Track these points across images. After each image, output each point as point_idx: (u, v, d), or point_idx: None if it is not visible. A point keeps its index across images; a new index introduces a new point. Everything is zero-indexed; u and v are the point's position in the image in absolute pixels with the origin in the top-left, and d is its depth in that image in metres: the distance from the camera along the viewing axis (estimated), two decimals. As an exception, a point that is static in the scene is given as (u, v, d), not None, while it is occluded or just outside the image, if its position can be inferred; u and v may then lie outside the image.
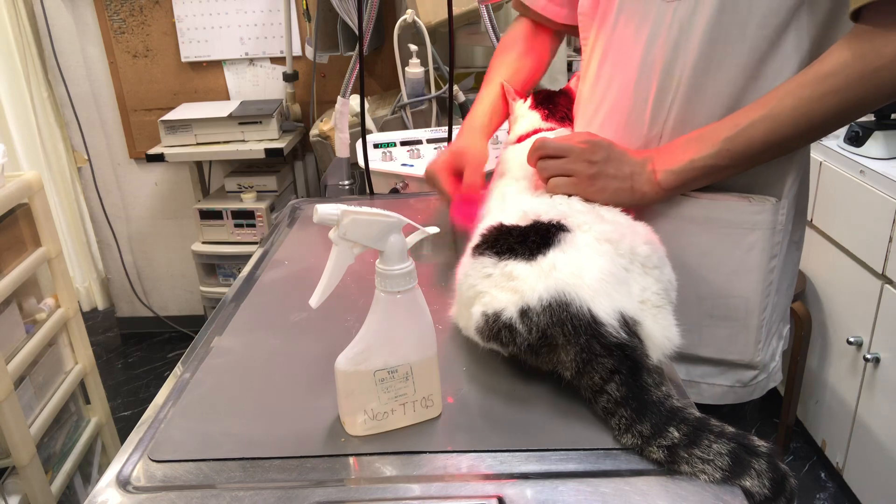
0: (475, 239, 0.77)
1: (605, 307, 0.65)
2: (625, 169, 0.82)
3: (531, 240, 0.71)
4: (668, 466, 0.58)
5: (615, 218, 0.78)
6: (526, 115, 1.03)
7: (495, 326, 0.68)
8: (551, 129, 1.01)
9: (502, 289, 0.69)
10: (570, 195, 0.82)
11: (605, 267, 0.68)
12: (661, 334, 0.68)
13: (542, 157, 0.83)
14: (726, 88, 0.81)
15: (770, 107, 0.77)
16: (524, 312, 0.66)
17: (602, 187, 0.81)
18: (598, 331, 0.64)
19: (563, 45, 2.63)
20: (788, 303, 0.97)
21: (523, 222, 0.74)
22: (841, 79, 0.72)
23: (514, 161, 0.94)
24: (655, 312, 0.70)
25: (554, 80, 1.94)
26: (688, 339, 0.73)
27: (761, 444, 0.58)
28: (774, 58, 0.79)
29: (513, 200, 0.85)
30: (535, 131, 1.00)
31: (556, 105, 1.04)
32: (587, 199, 0.81)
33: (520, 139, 1.01)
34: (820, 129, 0.77)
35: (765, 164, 0.82)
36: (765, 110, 0.77)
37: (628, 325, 0.65)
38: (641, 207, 0.84)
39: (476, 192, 0.96)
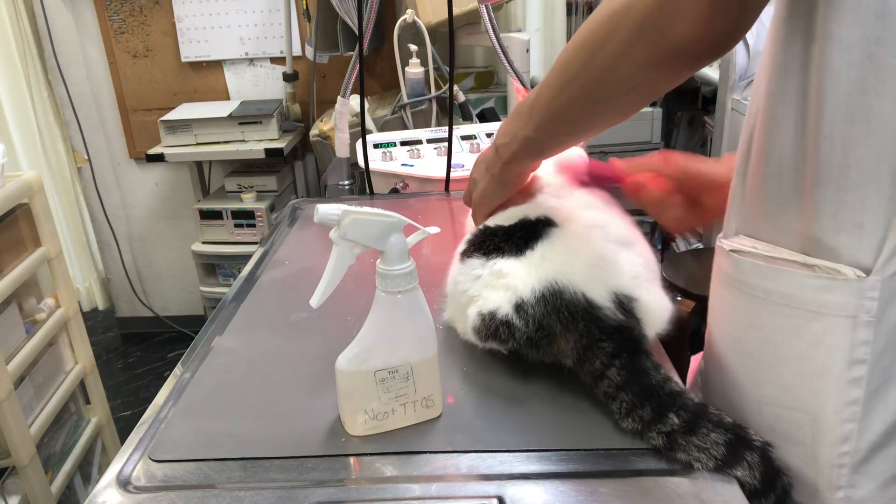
0: (462, 244, 0.77)
1: (600, 290, 0.65)
2: (483, 164, 0.80)
3: (517, 236, 0.71)
4: (667, 453, 0.59)
5: (596, 202, 0.78)
6: None
7: (492, 325, 0.68)
8: None
9: (494, 288, 0.69)
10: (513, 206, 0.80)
11: (594, 250, 0.68)
12: (656, 305, 0.68)
13: (465, 200, 0.85)
14: None
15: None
16: (519, 306, 0.66)
17: (481, 191, 0.80)
18: (595, 314, 0.64)
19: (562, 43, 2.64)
20: None
21: (508, 222, 0.74)
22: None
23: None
24: (648, 286, 0.70)
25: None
26: None
27: (757, 437, 0.58)
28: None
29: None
30: None
31: None
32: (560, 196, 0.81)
33: None
34: (611, 72, 0.57)
35: (848, 210, 0.54)
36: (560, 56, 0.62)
37: (623, 304, 0.65)
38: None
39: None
